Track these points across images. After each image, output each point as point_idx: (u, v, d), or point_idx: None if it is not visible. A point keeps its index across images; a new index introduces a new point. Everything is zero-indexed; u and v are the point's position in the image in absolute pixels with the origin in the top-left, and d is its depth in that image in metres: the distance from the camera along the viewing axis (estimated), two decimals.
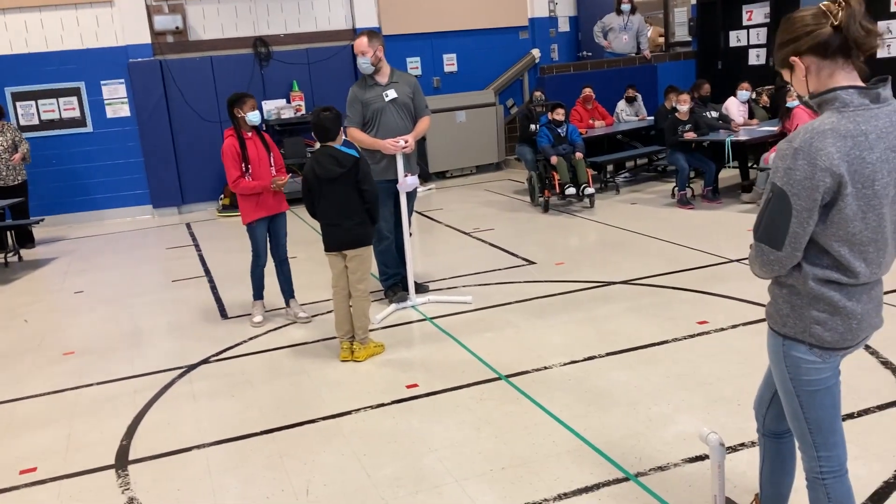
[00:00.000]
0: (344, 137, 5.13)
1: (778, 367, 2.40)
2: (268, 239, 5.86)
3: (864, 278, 2.23)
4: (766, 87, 10.71)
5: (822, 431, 2.36)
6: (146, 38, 10.79)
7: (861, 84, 2.18)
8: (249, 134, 5.66)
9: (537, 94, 10.54)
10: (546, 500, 3.30)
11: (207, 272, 7.70)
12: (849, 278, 2.23)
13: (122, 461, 3.97)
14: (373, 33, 6.00)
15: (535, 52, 13.13)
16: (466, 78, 12.74)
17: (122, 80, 10.82)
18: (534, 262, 7.07)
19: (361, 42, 5.85)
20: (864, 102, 2.15)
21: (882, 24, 10.41)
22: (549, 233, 8.28)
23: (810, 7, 2.20)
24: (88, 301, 7.05)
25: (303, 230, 9.09)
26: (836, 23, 2.13)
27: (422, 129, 6.14)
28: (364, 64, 5.88)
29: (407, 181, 5.91)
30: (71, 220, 10.84)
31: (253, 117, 5.60)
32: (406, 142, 5.83)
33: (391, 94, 5.94)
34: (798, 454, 2.53)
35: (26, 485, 3.81)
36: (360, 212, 4.99)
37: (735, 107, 9.71)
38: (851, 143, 2.11)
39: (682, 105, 8.81)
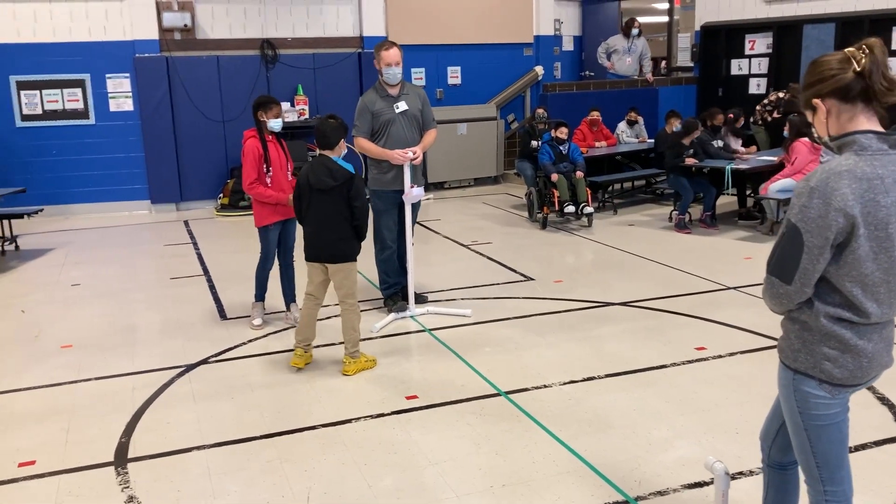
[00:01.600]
0: (345, 151, 5.06)
1: (787, 401, 2.44)
2: (277, 243, 5.89)
3: (875, 318, 2.29)
4: (766, 103, 10.88)
5: (829, 466, 2.41)
6: (154, 34, 10.79)
7: (881, 129, 2.25)
8: (271, 137, 5.70)
9: (540, 110, 10.62)
10: None
11: (206, 271, 7.69)
12: (860, 318, 2.29)
13: (121, 459, 3.97)
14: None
15: (539, 70, 13.22)
16: (469, 91, 12.81)
17: (128, 75, 10.81)
18: (532, 279, 7.11)
19: (397, 53, 5.89)
20: (882, 147, 2.21)
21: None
22: (546, 250, 8.33)
23: (837, 52, 2.28)
24: (86, 294, 7.04)
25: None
26: (858, 69, 2.21)
27: (429, 141, 6.19)
28: (398, 74, 5.92)
29: (413, 192, 5.94)
30: (68, 212, 10.80)
31: (274, 125, 5.64)
32: (415, 153, 5.87)
33: (402, 105, 5.98)
34: (803, 486, 2.58)
35: (25, 478, 3.81)
36: (345, 227, 4.91)
37: (734, 143, 9.81)
38: (867, 186, 2.17)
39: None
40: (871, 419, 4.11)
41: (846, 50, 2.26)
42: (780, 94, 10.91)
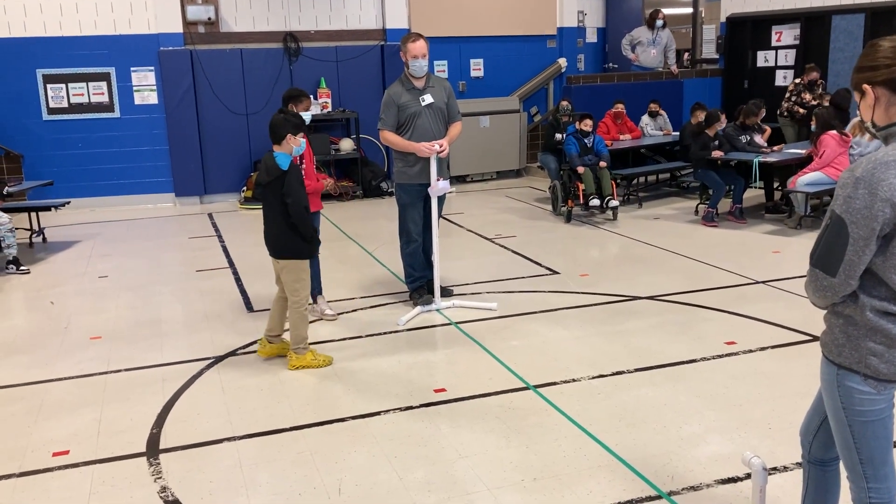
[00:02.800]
0: (298, 146, 4.91)
1: (831, 397, 2.40)
2: None
3: None
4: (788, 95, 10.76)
5: (873, 463, 2.37)
6: (178, 28, 10.84)
7: None
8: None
9: (564, 103, 10.51)
10: None
11: (231, 264, 7.73)
12: None
13: (153, 449, 4.00)
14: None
15: (562, 62, 13.14)
16: (492, 83, 12.77)
17: (152, 68, 10.87)
18: (557, 272, 7.07)
19: (423, 45, 5.86)
20: None
21: None
22: (571, 243, 8.29)
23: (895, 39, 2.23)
24: (113, 286, 7.09)
25: (328, 228, 9.12)
26: None
27: (455, 133, 6.17)
28: (424, 66, 5.91)
29: (439, 185, 5.92)
30: (94, 204, 10.89)
31: (305, 117, 5.63)
32: (441, 146, 5.85)
33: (428, 98, 5.96)
34: (843, 483, 2.54)
35: (60, 467, 3.84)
36: (282, 223, 4.89)
37: (759, 139, 9.67)
38: None
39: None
40: None
41: None
42: (797, 81, 10.81)
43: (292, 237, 4.93)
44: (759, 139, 9.47)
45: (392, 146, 6.08)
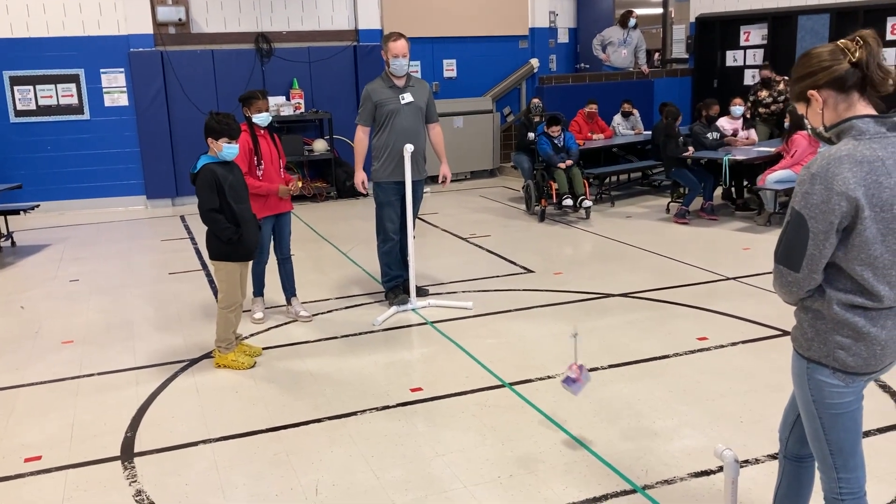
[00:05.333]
0: (221, 150, 4.95)
1: (801, 390, 2.45)
2: (271, 237, 5.87)
3: (888, 302, 2.29)
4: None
5: (842, 454, 2.42)
6: (148, 29, 10.73)
7: (876, 113, 2.28)
8: (262, 131, 5.67)
9: (535, 101, 10.58)
10: None
11: (204, 266, 7.67)
12: (873, 302, 2.30)
13: (127, 453, 3.97)
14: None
15: (534, 62, 13.22)
16: (465, 84, 12.80)
17: (122, 70, 10.75)
18: (532, 271, 7.12)
19: (404, 44, 5.90)
20: (880, 130, 2.25)
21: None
22: (545, 242, 8.34)
23: (828, 45, 2.33)
24: (85, 290, 7.01)
25: (302, 229, 9.09)
26: (854, 59, 2.25)
27: (440, 140, 6.41)
28: (405, 65, 5.94)
29: (582, 378, 3.98)
30: (64, 207, 10.74)
31: (259, 119, 5.57)
32: (444, 177, 6.39)
33: (408, 97, 5.99)
34: (817, 481, 2.59)
35: (32, 473, 3.80)
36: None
37: (727, 125, 9.80)
38: (868, 169, 2.20)
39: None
40: (873, 405, 4.12)
41: (838, 42, 2.31)
42: (755, 82, 11.05)
43: (212, 238, 4.99)
44: (730, 130, 9.61)
45: (356, 146, 6.10)
